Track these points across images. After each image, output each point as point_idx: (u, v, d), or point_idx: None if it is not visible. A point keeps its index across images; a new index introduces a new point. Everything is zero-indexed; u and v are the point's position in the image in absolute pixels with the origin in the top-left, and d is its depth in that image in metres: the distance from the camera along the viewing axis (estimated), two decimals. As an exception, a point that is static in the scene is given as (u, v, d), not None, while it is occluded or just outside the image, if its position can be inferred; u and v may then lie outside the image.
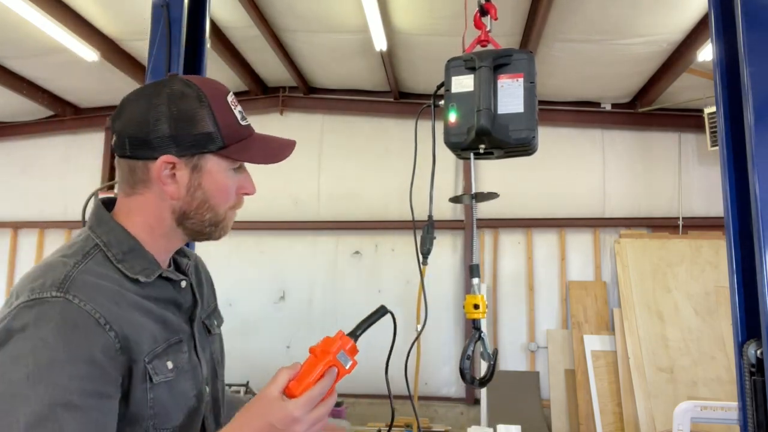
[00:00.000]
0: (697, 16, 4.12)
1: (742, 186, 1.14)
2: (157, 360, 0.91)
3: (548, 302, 5.78)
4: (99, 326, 0.84)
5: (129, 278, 0.93)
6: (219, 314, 1.20)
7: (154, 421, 0.90)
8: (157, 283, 0.97)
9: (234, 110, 0.99)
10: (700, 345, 4.78)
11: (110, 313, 0.86)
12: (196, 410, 0.99)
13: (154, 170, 0.94)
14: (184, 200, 0.97)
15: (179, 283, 1.03)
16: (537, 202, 5.88)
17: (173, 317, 0.99)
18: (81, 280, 0.87)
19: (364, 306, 5.03)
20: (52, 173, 6.82)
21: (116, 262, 0.93)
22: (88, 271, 0.89)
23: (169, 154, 0.93)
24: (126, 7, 4.40)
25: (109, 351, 0.84)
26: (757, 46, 1.10)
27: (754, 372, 1.08)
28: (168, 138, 0.93)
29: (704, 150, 5.50)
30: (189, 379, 0.98)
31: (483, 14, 1.51)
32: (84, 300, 0.84)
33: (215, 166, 0.97)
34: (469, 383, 1.28)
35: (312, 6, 4.47)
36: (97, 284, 0.88)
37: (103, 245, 0.94)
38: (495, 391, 5.32)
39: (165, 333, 0.95)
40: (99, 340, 0.83)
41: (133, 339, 0.88)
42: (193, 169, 0.95)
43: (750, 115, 1.09)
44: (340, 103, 6.25)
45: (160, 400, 0.91)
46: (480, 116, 1.29)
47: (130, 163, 0.96)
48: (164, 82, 0.98)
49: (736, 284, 1.15)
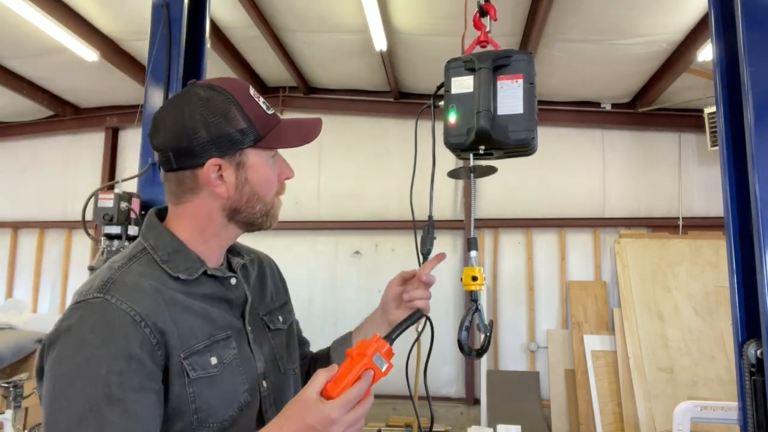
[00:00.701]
0: (697, 16, 4.12)
1: (742, 186, 1.14)
2: (196, 356, 0.94)
3: (548, 302, 5.79)
4: (135, 323, 0.88)
5: (172, 277, 0.97)
6: (287, 311, 1.23)
7: (198, 416, 0.92)
8: (202, 280, 1.01)
9: (259, 102, 1.03)
10: (700, 345, 4.78)
11: (147, 311, 0.89)
12: (248, 405, 1.00)
13: (202, 176, 0.98)
14: (234, 197, 1.01)
15: (228, 280, 1.06)
16: (537, 202, 5.88)
17: (220, 313, 1.01)
18: (121, 281, 0.92)
19: (364, 306, 5.09)
20: (52, 173, 6.82)
21: (161, 263, 0.98)
22: (130, 272, 0.95)
23: (213, 158, 0.97)
24: (126, 7, 4.39)
25: (146, 346, 0.88)
26: (757, 46, 1.10)
27: (754, 372, 1.08)
28: (208, 143, 0.97)
29: (704, 150, 5.50)
30: (238, 375, 0.99)
31: (482, 15, 1.51)
32: (121, 299, 0.89)
33: (256, 159, 1.02)
34: (467, 354, 1.29)
35: (312, 6, 4.47)
36: (137, 284, 0.93)
37: (151, 248, 1.00)
38: (495, 391, 5.32)
39: (209, 328, 0.98)
40: (136, 337, 0.87)
41: (170, 334, 0.91)
42: (238, 166, 1.00)
43: (750, 115, 1.09)
44: (340, 103, 6.25)
45: (202, 395, 0.93)
46: (480, 118, 1.29)
47: (178, 174, 1.00)
48: (189, 91, 1.01)
49: (736, 284, 1.15)
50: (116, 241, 2.27)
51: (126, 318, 0.88)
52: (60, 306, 6.61)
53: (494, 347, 5.77)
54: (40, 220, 6.72)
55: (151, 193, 2.34)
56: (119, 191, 2.26)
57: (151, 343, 0.88)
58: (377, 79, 5.83)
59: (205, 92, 0.99)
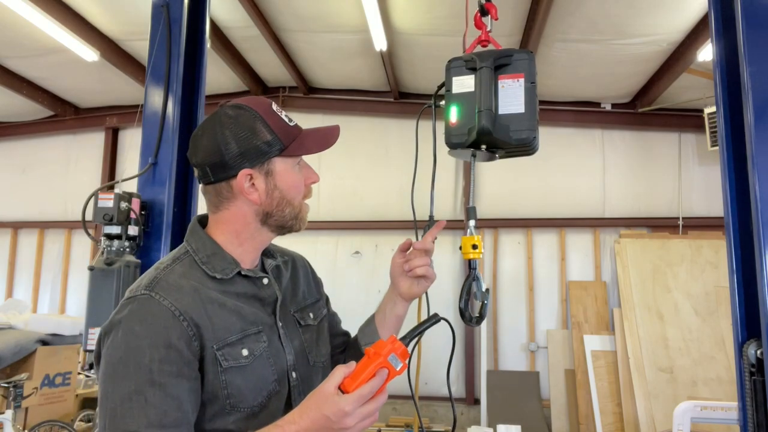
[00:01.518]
0: (697, 16, 4.12)
1: (742, 186, 1.14)
2: (228, 347, 1.05)
3: (548, 302, 5.78)
4: (175, 317, 1.00)
5: (210, 276, 1.09)
6: (318, 308, 1.32)
7: (230, 401, 1.04)
8: (237, 280, 1.13)
9: (281, 115, 1.15)
10: (700, 345, 4.78)
11: (185, 307, 1.02)
12: (277, 393, 1.11)
13: (236, 186, 1.10)
14: (266, 203, 1.13)
15: (261, 280, 1.17)
16: (537, 202, 5.88)
17: (252, 310, 1.12)
18: (165, 280, 1.06)
19: (364, 306, 5.06)
20: (52, 173, 6.82)
21: (201, 264, 1.11)
22: (173, 272, 1.08)
23: (244, 168, 1.09)
24: (126, 7, 4.40)
25: (184, 337, 1.00)
26: (757, 46, 1.10)
27: (754, 372, 1.08)
28: (239, 156, 1.09)
29: (704, 150, 5.51)
30: (268, 366, 1.10)
31: (483, 14, 1.51)
32: (164, 296, 1.02)
33: (283, 167, 1.14)
34: (467, 322, 1.31)
35: (312, 6, 4.47)
36: (178, 283, 1.06)
37: (193, 251, 1.13)
38: (495, 391, 5.33)
39: (241, 323, 1.09)
40: (175, 329, 1.00)
41: (205, 328, 1.03)
42: (267, 174, 1.12)
43: (750, 115, 1.09)
44: (340, 103, 6.25)
45: (233, 383, 1.04)
46: (481, 117, 1.28)
47: (216, 187, 1.13)
48: (218, 112, 1.13)
49: (736, 284, 1.15)
50: (116, 241, 2.27)
51: (167, 312, 1.00)
52: (60, 306, 6.61)
53: (494, 347, 5.78)
54: (40, 220, 6.73)
55: (151, 193, 2.32)
56: (119, 191, 2.26)
57: (188, 335, 1.00)
58: (377, 79, 5.83)
59: (233, 111, 1.11)
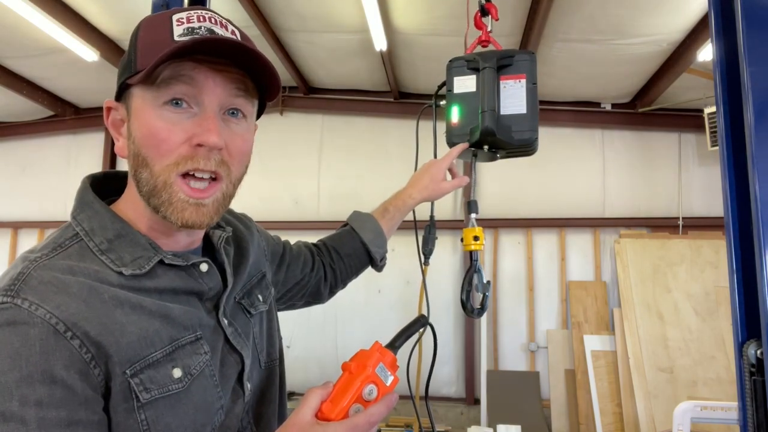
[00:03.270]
0: (697, 16, 4.12)
1: (742, 186, 1.14)
2: (150, 370, 0.71)
3: (548, 302, 5.78)
4: (57, 335, 0.64)
5: (115, 272, 0.73)
6: (266, 285, 0.99)
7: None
8: (158, 271, 0.76)
9: (174, 27, 0.74)
10: (700, 345, 4.78)
11: (74, 317, 0.66)
12: (222, 426, 0.79)
13: (106, 124, 0.79)
14: (129, 158, 0.76)
15: (197, 267, 0.81)
16: (537, 202, 5.88)
17: (183, 310, 0.77)
18: (37, 278, 0.67)
19: (364, 306, 5.05)
20: (53, 173, 6.82)
21: (99, 254, 0.73)
22: (51, 266, 0.69)
23: (107, 100, 0.79)
24: (126, 6, 4.40)
25: (76, 364, 0.65)
26: (757, 46, 1.10)
27: (754, 372, 1.08)
28: (117, 84, 0.78)
29: (704, 150, 5.50)
30: (212, 386, 0.78)
31: (484, 14, 1.51)
32: (36, 303, 0.65)
33: (139, 101, 0.74)
34: (469, 313, 1.30)
35: (312, 6, 4.47)
36: (59, 280, 0.68)
37: (84, 234, 0.75)
38: (495, 391, 5.32)
39: (170, 330, 0.74)
40: (60, 353, 0.64)
41: (111, 345, 0.68)
42: (127, 112, 0.76)
43: (750, 115, 1.09)
44: (340, 103, 6.25)
45: (161, 421, 0.71)
46: (485, 117, 1.28)
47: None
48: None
49: (736, 284, 1.15)
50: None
51: (44, 328, 0.64)
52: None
53: (494, 347, 5.77)
54: (40, 220, 6.72)
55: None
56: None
57: (82, 359, 0.65)
58: (377, 79, 5.83)
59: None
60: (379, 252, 1.39)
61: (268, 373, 0.94)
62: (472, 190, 1.40)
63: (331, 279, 1.34)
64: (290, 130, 6.19)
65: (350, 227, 1.40)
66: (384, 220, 1.40)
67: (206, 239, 0.89)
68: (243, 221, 1.05)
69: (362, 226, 1.38)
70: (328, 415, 0.72)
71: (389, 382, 0.79)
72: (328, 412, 0.72)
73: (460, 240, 1.34)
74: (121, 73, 0.77)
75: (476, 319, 5.46)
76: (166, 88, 0.72)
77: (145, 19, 0.79)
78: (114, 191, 0.84)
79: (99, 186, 0.83)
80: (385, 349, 0.82)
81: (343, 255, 1.35)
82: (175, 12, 0.76)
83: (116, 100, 0.78)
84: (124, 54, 0.77)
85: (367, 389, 0.76)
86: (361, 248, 1.36)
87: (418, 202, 1.40)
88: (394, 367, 0.81)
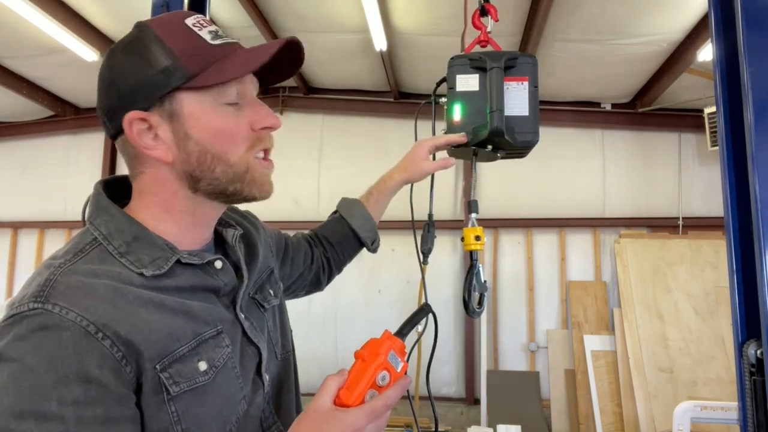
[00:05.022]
0: (697, 16, 4.12)
1: (742, 186, 1.14)
2: (178, 364, 0.74)
3: (548, 302, 5.78)
4: (88, 336, 0.67)
5: (135, 273, 0.76)
6: (275, 280, 1.04)
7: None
8: (176, 270, 0.80)
9: (198, 32, 0.79)
10: (700, 345, 4.78)
11: (102, 317, 0.69)
12: (246, 415, 0.83)
13: (130, 137, 0.79)
14: (180, 160, 0.79)
15: (212, 265, 0.85)
16: (537, 202, 5.88)
17: (203, 306, 0.81)
18: (64, 283, 0.70)
19: (364, 306, 5.05)
20: (53, 173, 6.82)
21: (119, 257, 0.77)
22: (75, 271, 0.72)
23: (130, 111, 0.78)
24: (126, 6, 4.40)
25: (108, 363, 0.68)
26: (757, 46, 1.10)
27: (754, 372, 1.08)
28: (129, 94, 0.78)
29: (704, 150, 5.51)
30: (234, 378, 0.82)
31: (483, 15, 1.50)
32: (66, 307, 0.68)
33: (194, 105, 0.78)
34: (471, 313, 1.31)
35: (312, 6, 4.47)
36: (85, 284, 0.71)
37: (103, 238, 0.78)
38: (495, 391, 5.32)
39: (193, 326, 0.78)
40: (92, 353, 0.67)
41: (141, 342, 0.71)
42: (171, 118, 0.78)
43: (750, 115, 1.09)
44: (340, 103, 6.25)
45: (190, 412, 0.74)
46: (494, 117, 1.28)
47: (120, 143, 0.83)
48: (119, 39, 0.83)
49: (736, 284, 1.15)
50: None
51: (76, 330, 0.67)
52: (60, 306, 6.61)
53: (494, 347, 5.77)
54: (40, 220, 6.72)
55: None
56: (119, 191, 2.25)
57: (114, 358, 0.68)
58: (377, 79, 5.83)
59: (128, 35, 0.81)
60: (369, 236, 1.43)
61: (284, 364, 0.98)
62: (473, 190, 1.40)
63: (327, 268, 1.41)
64: (290, 130, 6.20)
65: (339, 214, 1.42)
66: (369, 204, 1.43)
67: (215, 238, 0.94)
68: (249, 219, 1.10)
69: (351, 213, 1.40)
70: (346, 401, 0.77)
71: (400, 368, 0.84)
72: (346, 399, 0.77)
73: (460, 240, 1.34)
74: (160, 83, 0.77)
75: (476, 318, 5.50)
76: (223, 90, 0.80)
77: (153, 23, 0.81)
78: (122, 195, 0.87)
79: (108, 190, 0.86)
80: (395, 336, 0.87)
81: (335, 243, 1.39)
82: (185, 17, 0.81)
83: (144, 109, 0.78)
84: (144, 63, 0.78)
85: (381, 375, 0.81)
86: (351, 235, 1.40)
87: (399, 183, 1.41)
88: (403, 354, 0.86)
